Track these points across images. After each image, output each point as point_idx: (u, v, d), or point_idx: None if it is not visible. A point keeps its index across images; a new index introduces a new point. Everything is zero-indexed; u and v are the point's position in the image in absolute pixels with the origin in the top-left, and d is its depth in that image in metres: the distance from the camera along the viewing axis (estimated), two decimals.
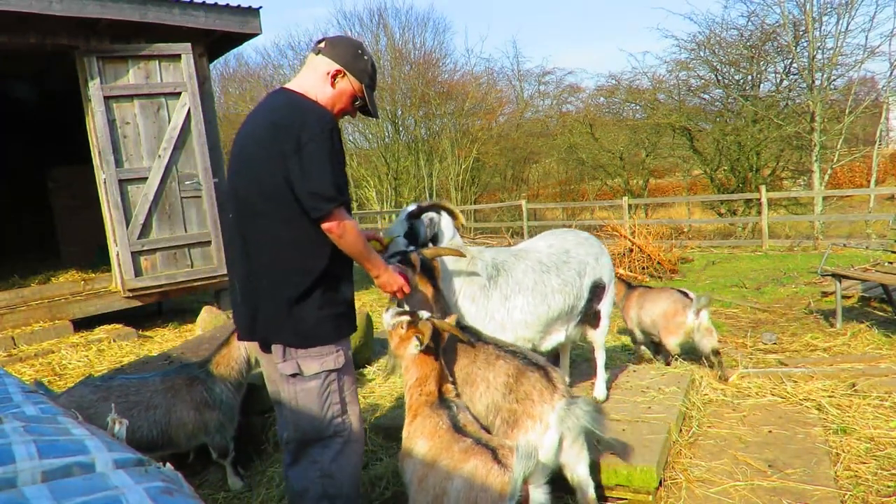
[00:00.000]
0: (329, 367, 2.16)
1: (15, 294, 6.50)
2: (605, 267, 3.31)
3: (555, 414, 2.15)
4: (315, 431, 2.20)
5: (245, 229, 2.15)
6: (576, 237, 3.30)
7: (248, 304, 2.19)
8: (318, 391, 2.16)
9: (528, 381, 2.22)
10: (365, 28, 22.96)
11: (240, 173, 2.15)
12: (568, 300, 3.07)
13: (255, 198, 2.08)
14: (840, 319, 5.39)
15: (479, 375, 2.34)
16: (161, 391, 3.01)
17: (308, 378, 2.15)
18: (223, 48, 7.94)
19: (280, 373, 2.17)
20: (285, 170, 1.98)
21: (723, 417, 3.44)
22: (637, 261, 9.41)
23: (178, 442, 3.03)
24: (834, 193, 14.17)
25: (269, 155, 2.01)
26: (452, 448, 1.93)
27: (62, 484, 0.90)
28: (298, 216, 2.03)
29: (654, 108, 18.50)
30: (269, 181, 2.02)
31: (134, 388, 2.98)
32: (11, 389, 1.44)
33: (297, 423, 2.20)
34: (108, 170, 6.19)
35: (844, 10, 13.91)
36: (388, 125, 22.38)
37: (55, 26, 5.91)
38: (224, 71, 25.64)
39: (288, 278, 2.09)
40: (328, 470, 2.21)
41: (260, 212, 2.08)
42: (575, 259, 3.15)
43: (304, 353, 2.13)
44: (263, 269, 2.12)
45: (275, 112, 2.08)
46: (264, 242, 2.10)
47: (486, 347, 2.41)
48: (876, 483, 2.72)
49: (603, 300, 3.32)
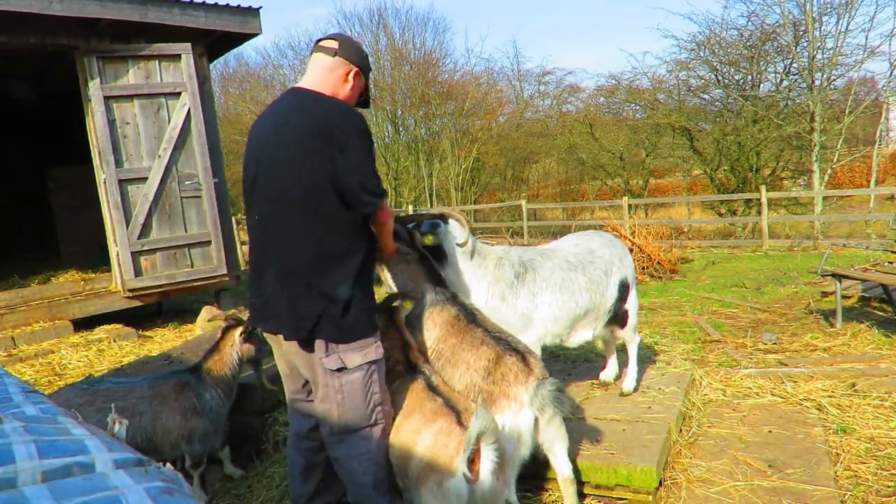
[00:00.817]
0: (371, 358, 2.26)
1: (15, 294, 6.50)
2: (629, 267, 3.45)
3: (527, 394, 2.29)
4: (360, 421, 2.27)
5: (285, 226, 2.17)
6: (601, 238, 3.43)
7: (289, 302, 2.19)
8: (361, 383, 2.24)
9: (506, 365, 2.38)
10: (365, 28, 22.95)
11: (274, 173, 2.17)
12: (595, 298, 3.20)
13: (296, 195, 2.13)
14: (840, 319, 5.38)
15: (462, 357, 2.49)
16: (147, 398, 2.97)
17: (352, 370, 2.22)
18: (223, 48, 7.94)
19: (324, 368, 2.21)
20: (331, 168, 2.08)
21: (723, 417, 3.44)
22: (637, 261, 9.41)
23: (163, 450, 2.99)
24: (834, 193, 14.17)
25: (311, 154, 2.09)
26: (426, 405, 2.23)
27: (62, 484, 0.90)
28: (340, 211, 2.14)
29: (654, 108, 18.50)
30: (311, 179, 2.10)
31: (120, 393, 2.94)
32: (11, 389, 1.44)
33: (343, 415, 2.25)
34: (108, 170, 6.20)
35: (844, 10, 13.92)
36: (388, 125, 22.37)
37: (55, 26, 5.91)
38: (224, 71, 25.65)
39: (331, 272, 2.16)
40: (377, 458, 2.30)
41: (302, 208, 2.13)
42: (601, 259, 3.28)
43: (345, 346, 2.20)
44: (306, 265, 2.16)
45: (308, 112, 2.15)
46: (307, 237, 2.15)
47: (475, 330, 2.53)
48: (876, 483, 2.72)
49: (628, 299, 3.43)
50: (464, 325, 2.56)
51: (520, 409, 2.30)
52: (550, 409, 2.32)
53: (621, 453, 2.79)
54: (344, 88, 2.28)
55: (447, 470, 1.97)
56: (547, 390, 2.26)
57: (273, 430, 3.60)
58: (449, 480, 1.96)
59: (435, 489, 1.99)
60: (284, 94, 2.31)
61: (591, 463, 2.75)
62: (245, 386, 3.70)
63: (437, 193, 22.70)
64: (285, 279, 2.19)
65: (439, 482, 1.98)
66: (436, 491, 1.99)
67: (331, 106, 2.18)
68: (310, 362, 2.27)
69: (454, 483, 1.95)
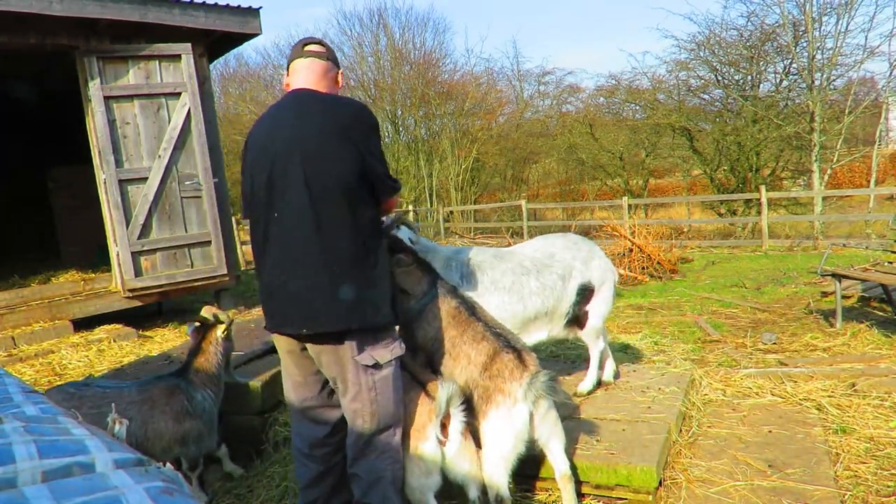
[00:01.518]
0: (397, 353, 2.30)
1: (15, 294, 6.50)
2: (596, 270, 3.42)
3: (521, 389, 2.33)
4: (390, 418, 2.30)
5: (320, 221, 2.17)
6: (564, 241, 3.44)
7: (327, 298, 2.16)
8: (392, 378, 2.29)
9: (502, 361, 2.42)
10: (365, 28, 22.94)
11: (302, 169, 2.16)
12: (547, 302, 3.24)
13: (331, 189, 2.17)
14: (840, 319, 5.39)
15: (463, 351, 2.53)
16: (137, 402, 2.94)
17: (384, 367, 2.26)
18: (223, 48, 7.93)
19: (359, 365, 2.22)
20: (361, 161, 2.18)
21: (723, 417, 3.44)
22: (637, 261, 9.42)
23: (154, 454, 2.94)
24: (834, 193, 14.18)
25: (343, 149, 2.17)
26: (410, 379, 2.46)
27: (62, 484, 0.90)
28: (370, 203, 2.25)
29: (654, 109, 18.50)
30: (346, 172, 2.17)
31: (108, 398, 2.88)
32: (11, 389, 1.44)
33: (377, 412, 2.26)
34: (108, 170, 6.19)
35: (844, 11, 13.92)
36: (388, 125, 22.36)
37: (55, 26, 5.90)
38: (224, 71, 25.66)
39: (365, 265, 2.21)
40: (397, 455, 2.33)
41: (336, 202, 2.17)
42: (560, 263, 3.30)
43: (374, 342, 2.24)
44: (344, 259, 2.17)
45: (330, 110, 2.24)
46: (341, 229, 2.19)
47: (476, 325, 2.57)
48: (876, 483, 2.72)
49: (591, 302, 3.42)
50: (465, 318, 2.60)
51: (514, 405, 2.35)
52: (545, 403, 2.37)
53: (621, 453, 2.79)
54: (335, 89, 2.41)
55: (421, 434, 2.25)
56: (540, 381, 2.31)
57: (273, 430, 3.61)
58: (423, 442, 2.25)
59: (413, 452, 2.26)
60: (287, 97, 2.31)
61: (590, 463, 2.75)
62: (245, 386, 3.71)
63: (437, 193, 22.70)
64: (322, 275, 2.16)
65: (416, 445, 2.25)
66: (413, 453, 2.25)
67: (348, 103, 2.31)
68: (340, 361, 2.23)
69: (428, 445, 2.25)
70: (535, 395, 2.32)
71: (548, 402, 2.39)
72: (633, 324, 6.19)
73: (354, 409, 2.27)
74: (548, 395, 2.33)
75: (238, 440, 3.62)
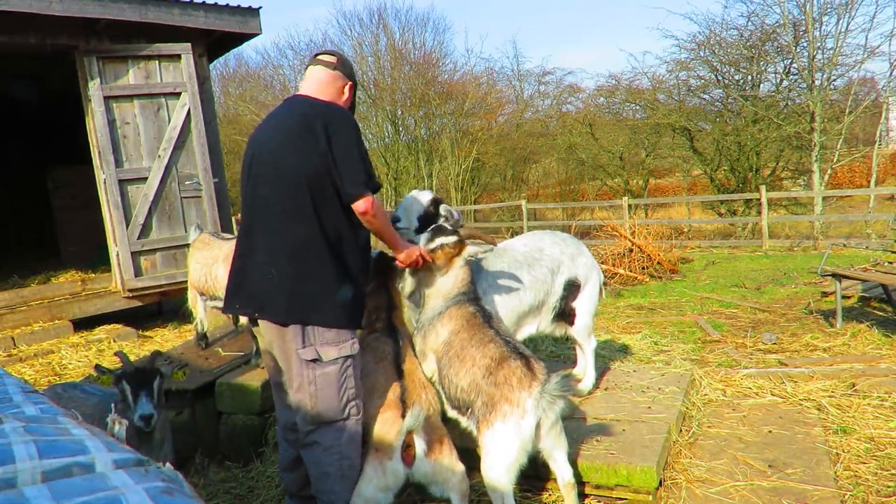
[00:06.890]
0: (346, 353, 2.33)
1: (15, 294, 6.49)
2: (582, 266, 3.46)
3: (531, 399, 2.29)
4: (332, 415, 2.32)
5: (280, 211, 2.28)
6: (552, 238, 3.48)
7: (277, 286, 2.27)
8: (336, 376, 2.30)
9: (509, 367, 2.39)
10: (365, 28, 22.92)
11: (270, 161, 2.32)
12: (539, 295, 3.27)
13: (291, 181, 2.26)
14: (840, 319, 5.38)
15: (469, 353, 2.52)
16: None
17: (327, 363, 2.28)
18: (223, 48, 7.93)
19: (300, 358, 2.27)
20: (324, 155, 2.23)
21: (723, 417, 3.44)
22: (637, 261, 9.41)
23: None
24: (834, 193, 14.16)
25: (305, 142, 2.24)
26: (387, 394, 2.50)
27: (62, 484, 0.90)
28: (333, 198, 2.28)
29: (654, 109, 18.48)
30: (306, 166, 2.24)
31: (91, 402, 2.82)
32: (11, 389, 1.44)
33: (316, 406, 2.30)
34: (108, 170, 6.19)
35: (844, 11, 13.91)
36: (388, 125, 22.35)
37: (55, 26, 5.90)
38: (224, 71, 25.62)
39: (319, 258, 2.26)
40: (346, 453, 2.35)
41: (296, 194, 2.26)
42: (549, 257, 3.33)
43: (321, 339, 2.28)
44: (297, 250, 2.26)
45: (302, 108, 2.33)
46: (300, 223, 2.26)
47: (486, 330, 2.57)
48: (876, 483, 2.72)
49: (578, 299, 3.45)
50: (478, 323, 2.61)
51: (523, 416, 2.30)
52: (552, 415, 2.33)
53: (621, 453, 2.79)
54: (340, 99, 2.49)
55: (387, 453, 2.36)
56: (553, 384, 2.28)
57: (273, 430, 3.60)
58: (388, 461, 2.35)
59: (377, 465, 2.36)
60: (284, 101, 2.47)
61: (591, 463, 2.75)
62: (245, 387, 3.71)
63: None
64: (272, 264, 2.28)
65: (380, 461, 2.36)
66: (377, 466, 2.36)
67: (322, 104, 2.37)
68: (286, 352, 2.32)
69: (392, 464, 2.34)
70: (548, 403, 2.28)
71: (555, 414, 2.35)
72: (633, 324, 6.19)
73: (297, 399, 2.34)
74: (563, 391, 2.29)
75: (238, 440, 3.62)
